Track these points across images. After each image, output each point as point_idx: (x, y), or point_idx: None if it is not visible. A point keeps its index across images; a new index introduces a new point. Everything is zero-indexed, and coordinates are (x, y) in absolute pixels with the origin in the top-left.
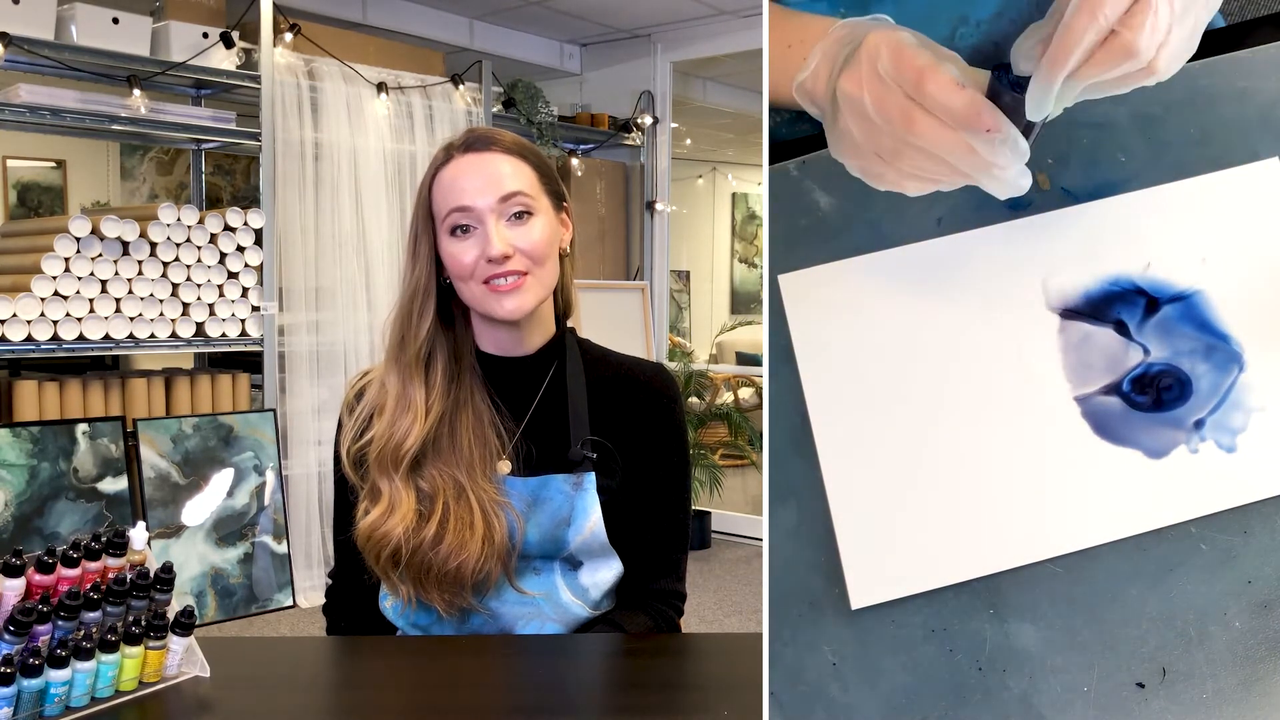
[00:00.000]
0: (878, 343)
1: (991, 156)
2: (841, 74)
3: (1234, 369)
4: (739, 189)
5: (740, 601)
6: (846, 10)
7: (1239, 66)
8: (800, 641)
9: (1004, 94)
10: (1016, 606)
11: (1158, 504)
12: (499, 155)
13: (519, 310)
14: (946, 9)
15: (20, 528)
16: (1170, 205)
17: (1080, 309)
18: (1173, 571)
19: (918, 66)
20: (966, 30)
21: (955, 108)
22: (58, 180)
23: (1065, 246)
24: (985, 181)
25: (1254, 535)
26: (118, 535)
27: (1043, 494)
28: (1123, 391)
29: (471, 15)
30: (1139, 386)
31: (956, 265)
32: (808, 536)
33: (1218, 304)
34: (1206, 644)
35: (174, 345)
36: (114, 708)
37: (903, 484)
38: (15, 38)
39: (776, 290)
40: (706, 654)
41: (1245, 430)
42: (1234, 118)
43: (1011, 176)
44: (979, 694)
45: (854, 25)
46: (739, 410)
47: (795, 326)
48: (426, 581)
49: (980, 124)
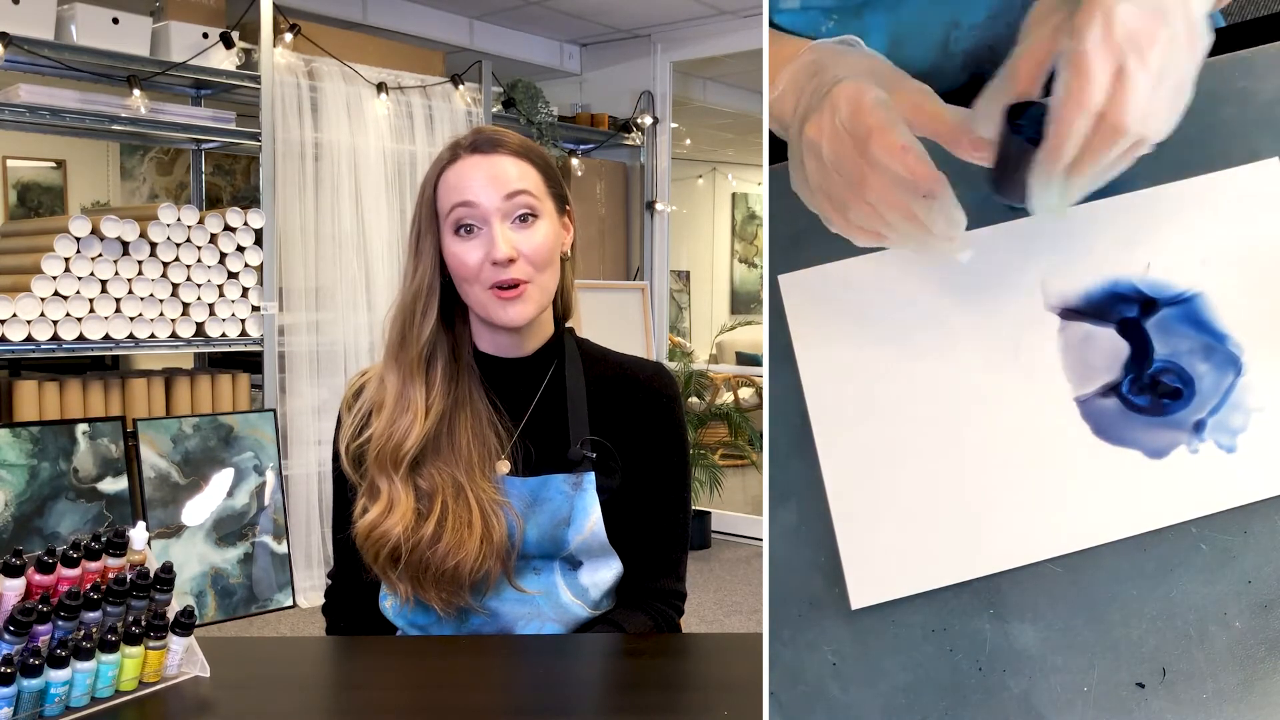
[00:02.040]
0: (877, 343)
1: (928, 221)
2: (807, 120)
3: (1234, 370)
4: (739, 189)
5: (740, 601)
6: (839, 17)
7: (1239, 66)
8: (800, 641)
9: (1011, 142)
10: (1016, 606)
11: (1158, 504)
12: (505, 156)
13: (521, 318)
14: (938, 13)
15: (20, 528)
16: (1170, 205)
17: (1080, 309)
18: (1173, 571)
19: (869, 125)
20: (960, 34)
21: (895, 169)
22: (58, 180)
23: (1065, 247)
24: (919, 248)
25: (1254, 535)
26: (118, 535)
27: (1043, 494)
28: (1122, 393)
29: (471, 15)
30: (1138, 388)
31: (957, 265)
32: (808, 536)
33: (1218, 305)
34: (1206, 644)
35: (174, 345)
36: (114, 708)
37: (903, 484)
38: (15, 38)
39: (776, 290)
40: (706, 654)
41: (1245, 430)
42: (1234, 118)
43: (944, 245)
44: (979, 694)
45: (821, 52)
46: (739, 410)
47: (795, 326)
48: (424, 580)
49: (917, 189)
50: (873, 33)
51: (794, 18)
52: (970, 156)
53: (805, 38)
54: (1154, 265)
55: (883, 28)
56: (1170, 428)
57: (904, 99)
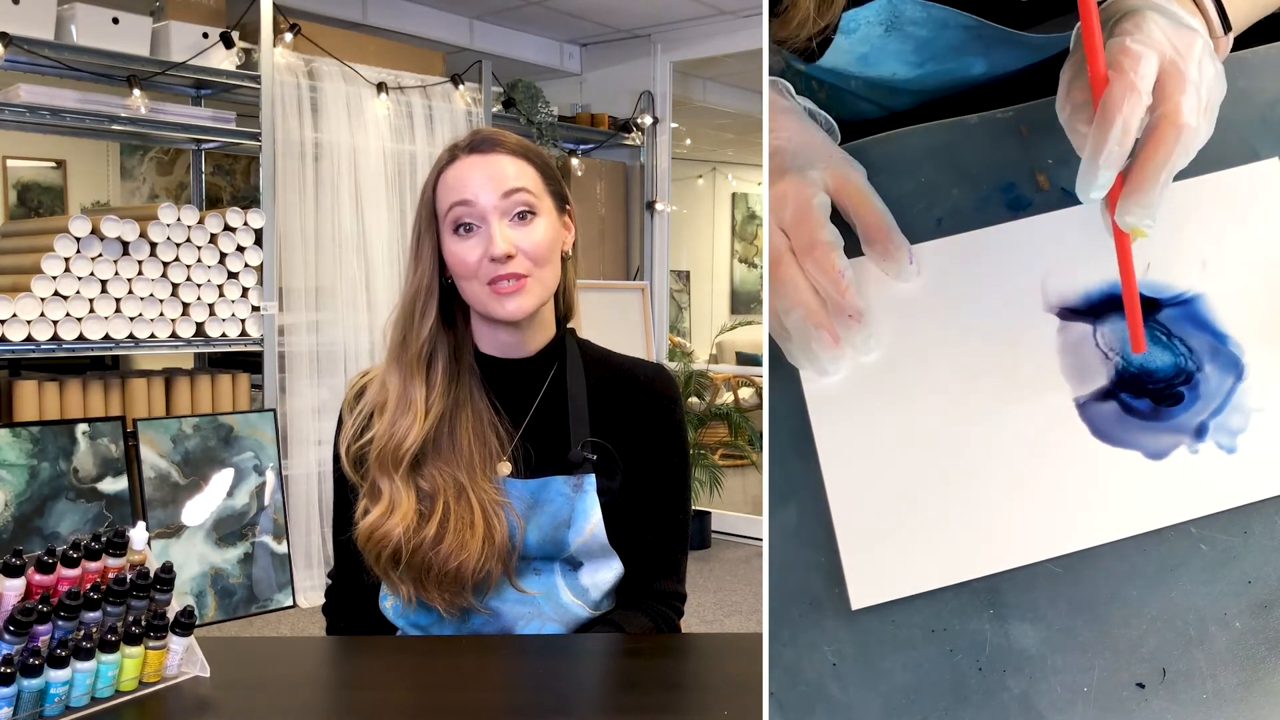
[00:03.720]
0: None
1: (847, 338)
2: (772, 183)
3: (1235, 372)
4: (739, 189)
5: (740, 601)
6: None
7: (1239, 66)
8: (800, 641)
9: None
10: (1016, 607)
11: (1158, 504)
12: (503, 156)
13: (520, 312)
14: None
15: (20, 528)
16: (1170, 206)
17: (1080, 310)
18: (1173, 572)
19: (811, 239)
20: (906, 78)
21: (827, 287)
22: (58, 180)
23: (1065, 247)
24: (811, 362)
25: (1254, 535)
26: (118, 535)
27: (1043, 494)
28: (1121, 396)
29: (471, 15)
30: (1138, 389)
31: (956, 265)
32: (808, 537)
33: (1218, 306)
34: (1206, 644)
35: (174, 345)
36: (114, 708)
37: (902, 484)
38: (15, 38)
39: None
40: (706, 654)
41: (1245, 431)
42: (1234, 118)
43: (835, 363)
44: (979, 694)
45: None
46: (739, 410)
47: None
48: (427, 581)
49: (842, 310)
50: (898, 96)
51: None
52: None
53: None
54: (1154, 266)
55: (908, 97)
56: (1171, 430)
57: (838, 181)
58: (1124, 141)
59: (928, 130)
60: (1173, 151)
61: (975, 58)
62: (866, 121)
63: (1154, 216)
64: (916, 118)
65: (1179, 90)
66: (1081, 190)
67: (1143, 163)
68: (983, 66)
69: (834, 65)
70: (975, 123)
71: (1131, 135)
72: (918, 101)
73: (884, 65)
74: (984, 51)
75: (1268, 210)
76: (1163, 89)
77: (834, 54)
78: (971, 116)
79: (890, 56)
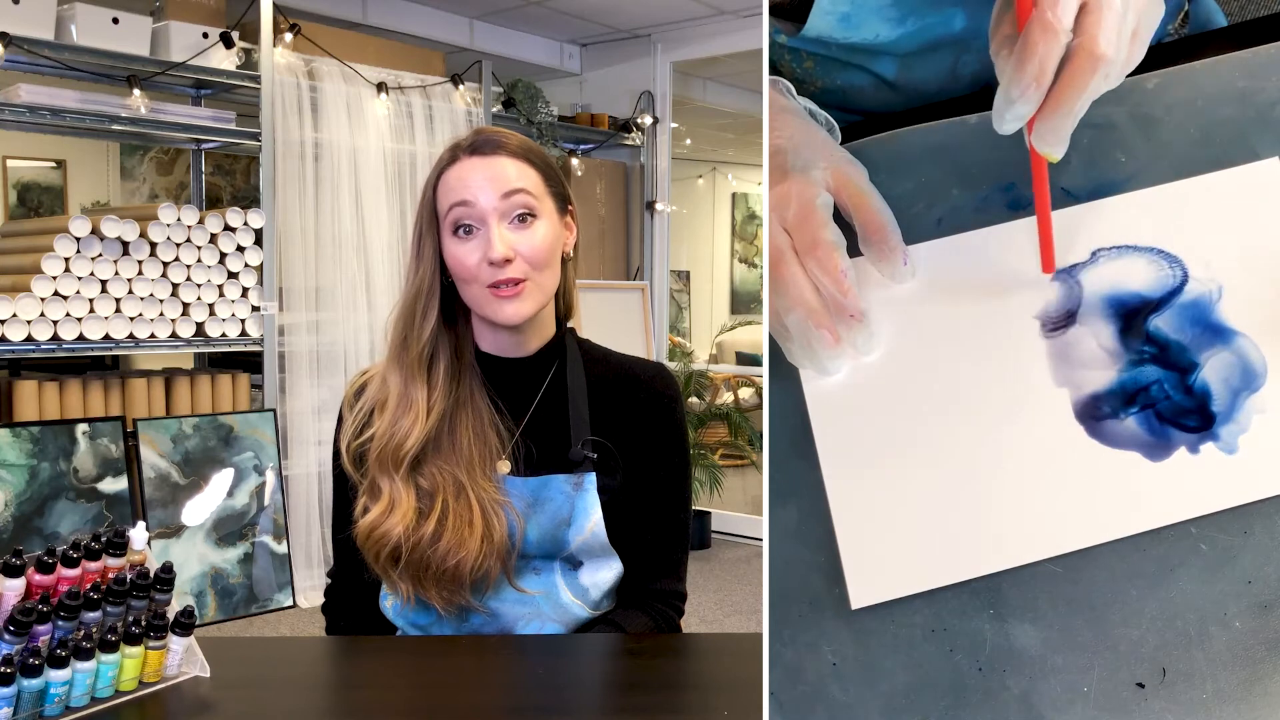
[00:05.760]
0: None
1: (848, 338)
2: (774, 183)
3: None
4: (739, 189)
5: (740, 601)
6: (839, 54)
7: (1239, 66)
8: (800, 641)
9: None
10: (1016, 606)
11: (1158, 504)
12: (504, 157)
13: (518, 316)
14: (946, 42)
15: (20, 528)
16: (1170, 206)
17: (1080, 310)
18: (1173, 571)
19: (814, 239)
20: (968, 58)
21: (830, 287)
22: (58, 180)
23: (1065, 247)
24: (812, 362)
25: (1254, 535)
26: (118, 535)
27: (1042, 494)
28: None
29: (471, 15)
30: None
31: (956, 265)
32: (808, 536)
33: (1218, 306)
34: (1206, 644)
35: (174, 345)
36: (114, 708)
37: (902, 484)
38: (15, 38)
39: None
40: (706, 654)
41: (1245, 431)
42: (1234, 118)
43: (836, 362)
44: (979, 694)
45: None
46: (739, 410)
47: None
48: (425, 579)
49: (844, 310)
50: (881, 60)
51: (802, 45)
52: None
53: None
54: (1154, 266)
55: (892, 61)
56: (1171, 431)
57: (840, 180)
58: (1041, 79)
59: (928, 130)
60: (1088, 82)
61: (955, 9)
62: (867, 116)
63: (1066, 144)
64: (916, 117)
65: (1098, 21)
66: (996, 122)
67: (1058, 92)
68: (963, 20)
69: (818, 33)
70: (975, 122)
71: (1048, 75)
72: (904, 70)
73: (867, 26)
74: (962, 2)
75: (1268, 210)
76: (1083, 19)
77: (817, 18)
78: (971, 116)
79: (871, 14)
